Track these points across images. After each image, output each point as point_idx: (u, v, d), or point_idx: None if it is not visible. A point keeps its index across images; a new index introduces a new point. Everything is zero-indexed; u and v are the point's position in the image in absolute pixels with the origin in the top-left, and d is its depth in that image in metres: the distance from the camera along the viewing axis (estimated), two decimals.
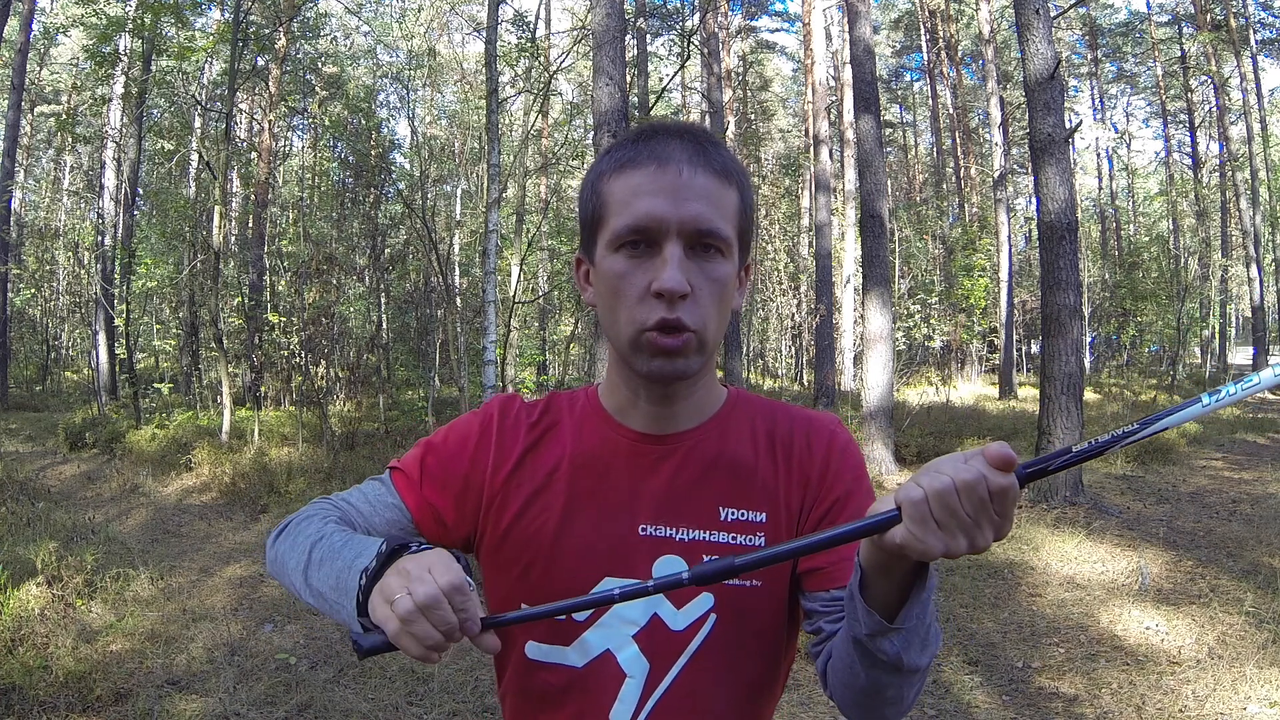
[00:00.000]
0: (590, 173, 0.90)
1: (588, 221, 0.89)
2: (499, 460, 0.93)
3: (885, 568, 0.71)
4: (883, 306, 8.68)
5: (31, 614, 4.03)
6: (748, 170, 1.11)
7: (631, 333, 0.83)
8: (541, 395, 1.01)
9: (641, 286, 0.82)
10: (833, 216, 17.05)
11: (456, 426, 0.97)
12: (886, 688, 0.77)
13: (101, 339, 14.45)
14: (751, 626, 0.89)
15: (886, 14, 29.66)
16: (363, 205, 14.25)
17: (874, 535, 0.68)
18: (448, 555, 0.73)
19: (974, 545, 0.63)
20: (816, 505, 0.90)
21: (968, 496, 0.62)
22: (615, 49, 6.08)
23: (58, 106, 22.29)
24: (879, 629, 0.73)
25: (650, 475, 0.90)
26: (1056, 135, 6.86)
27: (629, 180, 0.84)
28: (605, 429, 0.93)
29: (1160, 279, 17.82)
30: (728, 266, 0.85)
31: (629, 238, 0.83)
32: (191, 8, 11.90)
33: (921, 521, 0.63)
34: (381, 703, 3.47)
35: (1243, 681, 3.49)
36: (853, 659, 0.77)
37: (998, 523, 0.64)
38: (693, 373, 0.85)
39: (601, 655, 0.88)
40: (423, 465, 0.95)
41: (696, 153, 0.84)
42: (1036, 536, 5.85)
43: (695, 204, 0.82)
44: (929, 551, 0.63)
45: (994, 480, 0.62)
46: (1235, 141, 21.96)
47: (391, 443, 9.54)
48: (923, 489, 0.63)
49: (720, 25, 19.08)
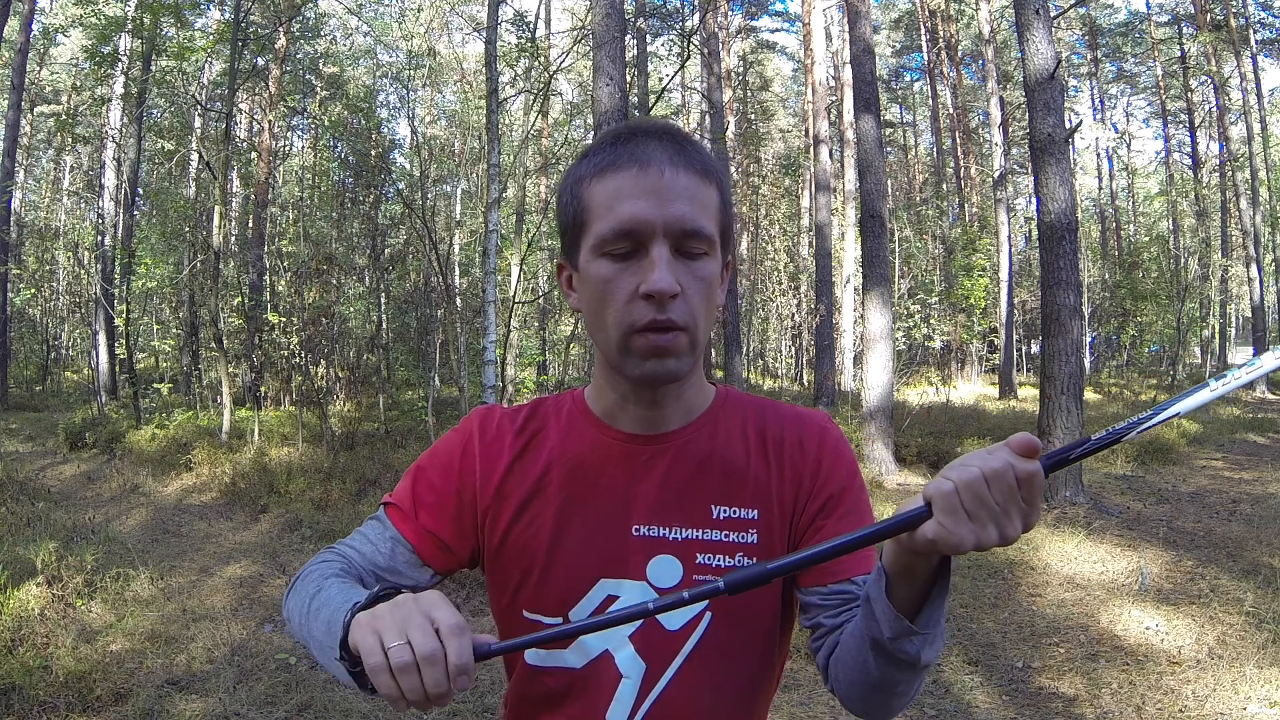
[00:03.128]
0: (568, 177, 0.89)
1: (569, 227, 0.88)
2: (486, 472, 0.93)
3: (910, 569, 0.72)
4: (883, 306, 8.68)
5: (31, 614, 4.03)
6: (725, 167, 1.11)
7: (620, 335, 0.83)
8: (542, 395, 1.01)
9: (629, 290, 0.82)
10: (833, 216, 17.05)
11: (440, 447, 0.97)
12: (899, 683, 0.79)
13: (101, 339, 14.45)
14: (745, 625, 0.89)
15: (886, 14, 29.66)
16: (363, 205, 14.25)
17: (904, 532, 0.68)
18: (443, 598, 0.71)
19: (1004, 535, 0.64)
20: (810, 502, 0.90)
21: (997, 485, 0.64)
22: (615, 49, 6.08)
23: (58, 106, 22.28)
24: (903, 631, 0.73)
25: (642, 476, 0.90)
26: (1056, 135, 6.86)
27: (610, 184, 0.83)
28: (594, 432, 0.93)
29: (1160, 279, 17.82)
30: (713, 264, 0.85)
31: (615, 242, 0.82)
32: (191, 8, 11.89)
33: (952, 512, 0.64)
34: (381, 703, 3.47)
35: (1243, 681, 3.49)
36: (866, 657, 0.78)
37: (1025, 511, 0.65)
38: (684, 373, 0.85)
39: (600, 656, 0.88)
40: (415, 494, 0.94)
41: (677, 153, 0.84)
42: (1036, 536, 5.85)
43: (679, 204, 0.81)
44: (961, 544, 0.64)
45: (1020, 467, 0.64)
46: (1235, 141, 21.95)
47: (391, 443, 9.54)
48: (952, 481, 0.64)
49: (720, 25, 19.08)
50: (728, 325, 14.14)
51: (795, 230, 22.42)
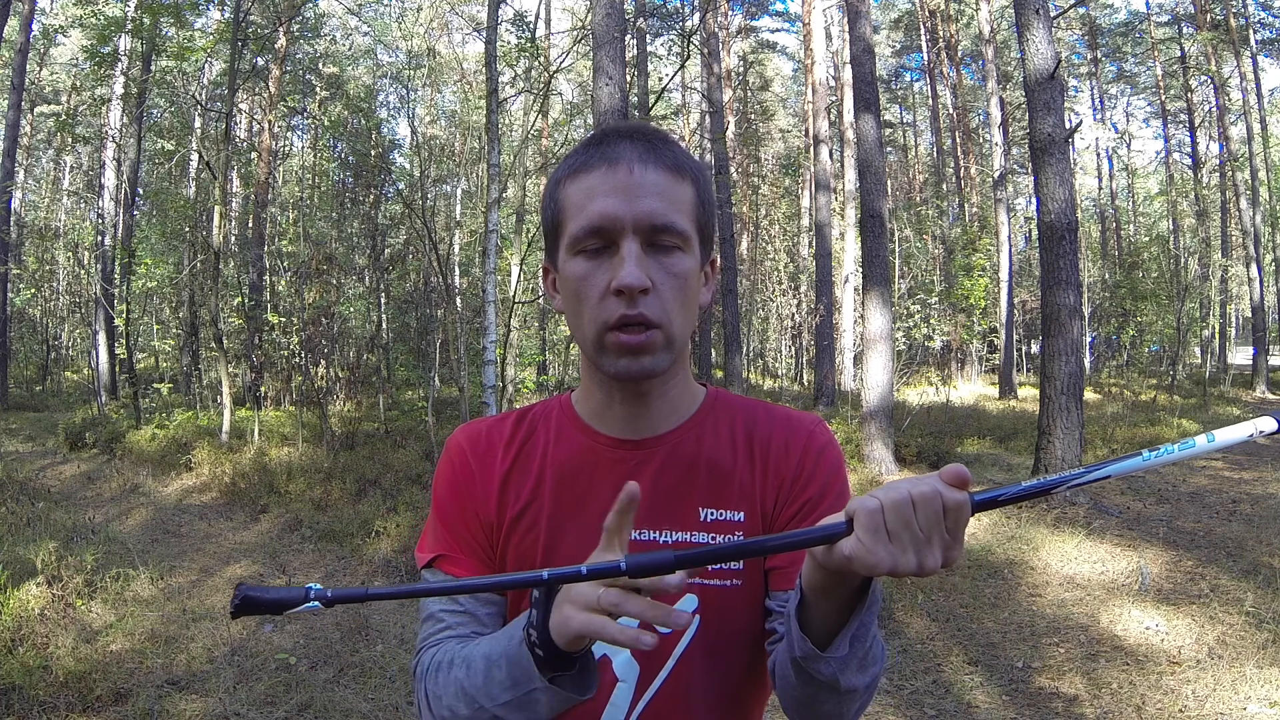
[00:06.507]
0: (549, 181, 0.91)
1: (549, 230, 0.89)
2: (485, 490, 0.93)
3: (826, 588, 0.71)
4: (883, 306, 8.68)
5: (31, 614, 4.03)
6: (705, 165, 1.11)
7: (595, 333, 0.83)
8: (545, 396, 1.01)
9: (602, 286, 0.82)
10: (833, 216, 17.05)
11: (439, 481, 0.96)
12: (823, 703, 0.78)
13: (101, 339, 14.45)
14: (733, 626, 0.89)
15: (886, 14, 29.66)
16: (363, 205, 14.26)
17: (821, 545, 0.67)
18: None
19: (922, 564, 0.63)
20: (788, 506, 0.90)
21: (923, 510, 0.63)
22: (615, 49, 6.08)
23: (58, 106, 22.28)
24: (810, 654, 0.73)
25: (632, 481, 0.90)
26: (1056, 135, 6.86)
27: (582, 184, 0.84)
28: (582, 437, 0.93)
29: (1160, 279, 17.82)
30: (688, 261, 0.85)
31: (586, 239, 0.83)
32: (191, 8, 11.88)
33: (874, 531, 0.63)
34: (381, 703, 3.47)
35: (1243, 681, 3.49)
36: (789, 672, 0.78)
37: (948, 542, 0.64)
38: (661, 370, 0.85)
39: (598, 661, 0.88)
40: (454, 532, 0.92)
41: (646, 150, 0.84)
42: (1036, 536, 5.85)
43: (648, 200, 0.82)
44: (877, 564, 0.63)
45: (949, 496, 0.63)
46: (1235, 141, 21.93)
47: (391, 443, 9.53)
48: (878, 499, 0.64)
49: (720, 25, 19.08)
50: (727, 325, 14.14)
51: (795, 230, 22.42)
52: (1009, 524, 6.19)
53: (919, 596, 4.71)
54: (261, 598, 0.68)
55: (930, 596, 4.75)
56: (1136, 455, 0.64)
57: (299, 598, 0.67)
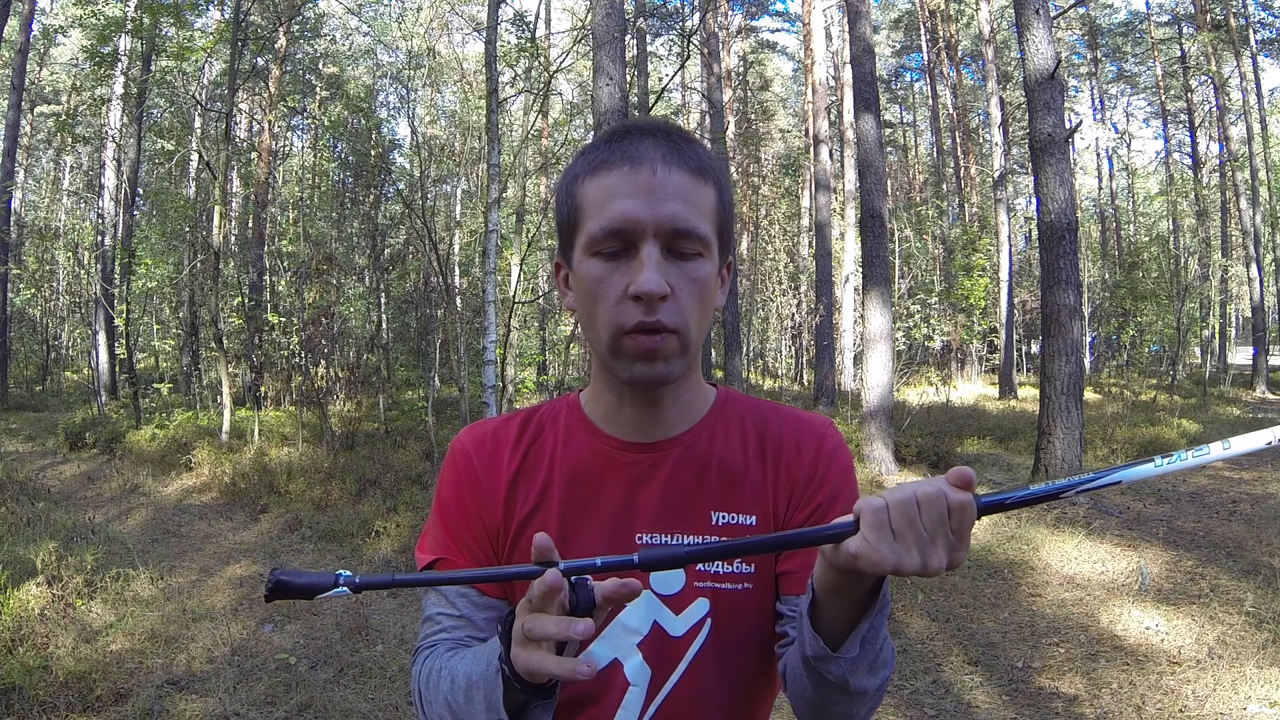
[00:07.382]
0: (564, 176, 0.88)
1: (564, 226, 0.87)
2: (491, 493, 0.91)
3: (838, 589, 0.71)
4: (883, 306, 8.68)
5: (31, 614, 4.03)
6: (725, 166, 1.10)
7: (610, 337, 0.82)
8: (545, 396, 1.00)
9: (619, 290, 0.80)
10: (833, 216, 17.05)
11: (443, 484, 0.95)
12: (835, 704, 0.78)
13: (101, 339, 14.45)
14: (744, 628, 0.89)
15: (886, 14, 29.65)
16: (363, 205, 14.26)
17: (828, 544, 0.68)
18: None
19: (926, 563, 0.64)
20: (801, 509, 0.90)
21: (928, 509, 0.64)
22: (615, 49, 6.08)
23: (58, 106, 22.29)
24: (822, 654, 0.73)
25: (644, 484, 0.90)
26: (1056, 135, 6.86)
27: (602, 182, 0.82)
28: (592, 439, 0.92)
29: (1160, 279, 17.81)
30: (708, 266, 0.83)
31: (605, 241, 0.81)
32: (191, 8, 11.88)
33: (879, 529, 0.64)
34: (381, 703, 3.47)
35: (1243, 681, 3.49)
36: (801, 673, 0.78)
37: (953, 543, 0.64)
38: (676, 376, 0.84)
39: (609, 666, 0.88)
40: (456, 536, 0.91)
41: (670, 151, 0.82)
42: (1036, 536, 5.85)
43: (671, 204, 0.80)
44: (881, 562, 0.64)
45: (954, 496, 0.64)
46: (1235, 141, 21.94)
47: (391, 443, 9.53)
48: (884, 499, 0.65)
49: (720, 25, 19.08)
50: (727, 325, 14.14)
51: (795, 230, 22.42)
52: (1009, 524, 6.19)
53: (919, 596, 4.71)
54: (293, 582, 0.71)
55: (930, 596, 4.75)
56: (1149, 461, 0.64)
57: (329, 583, 0.71)
